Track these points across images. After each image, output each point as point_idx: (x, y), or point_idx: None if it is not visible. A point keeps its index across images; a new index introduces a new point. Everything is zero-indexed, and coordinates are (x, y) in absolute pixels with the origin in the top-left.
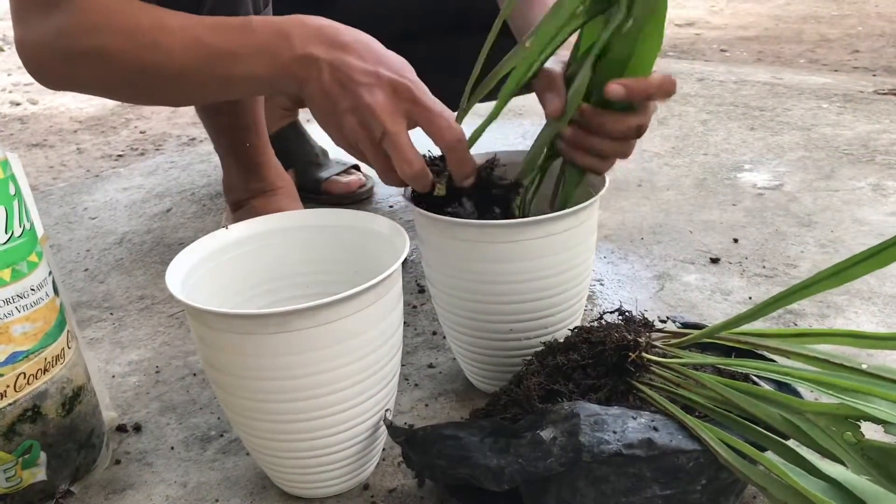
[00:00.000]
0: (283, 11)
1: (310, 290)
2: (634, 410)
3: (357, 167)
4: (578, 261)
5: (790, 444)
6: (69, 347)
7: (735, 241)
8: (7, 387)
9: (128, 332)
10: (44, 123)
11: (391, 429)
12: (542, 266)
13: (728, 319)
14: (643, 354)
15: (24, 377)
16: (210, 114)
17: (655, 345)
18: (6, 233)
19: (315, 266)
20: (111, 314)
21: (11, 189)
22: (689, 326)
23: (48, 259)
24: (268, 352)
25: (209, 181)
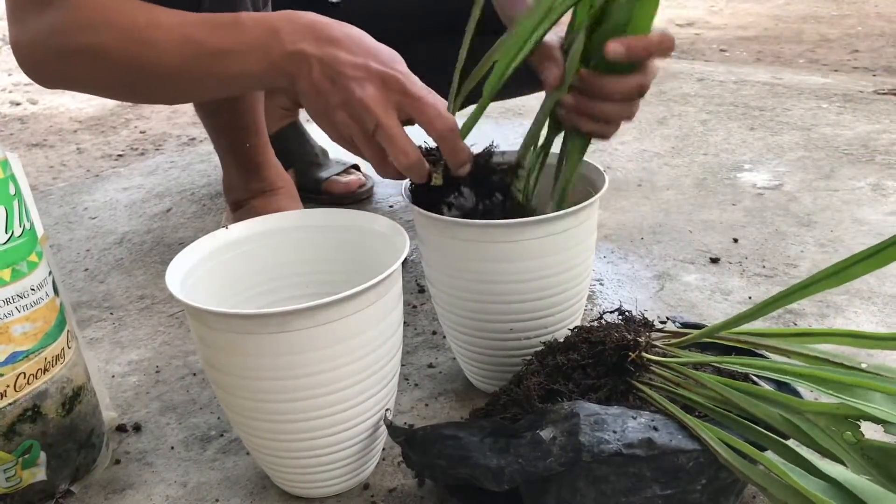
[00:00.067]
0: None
1: (309, 290)
2: (634, 410)
3: (357, 167)
4: (578, 260)
5: (790, 444)
6: (69, 347)
7: (735, 241)
8: (7, 387)
9: (128, 332)
10: (44, 123)
11: (391, 428)
12: (542, 266)
13: (728, 319)
14: (643, 354)
15: (24, 377)
16: (210, 114)
17: (655, 344)
18: (6, 233)
19: (315, 266)
20: (111, 314)
21: (11, 189)
22: (689, 326)
23: (48, 259)
24: (268, 352)
25: (209, 181)
